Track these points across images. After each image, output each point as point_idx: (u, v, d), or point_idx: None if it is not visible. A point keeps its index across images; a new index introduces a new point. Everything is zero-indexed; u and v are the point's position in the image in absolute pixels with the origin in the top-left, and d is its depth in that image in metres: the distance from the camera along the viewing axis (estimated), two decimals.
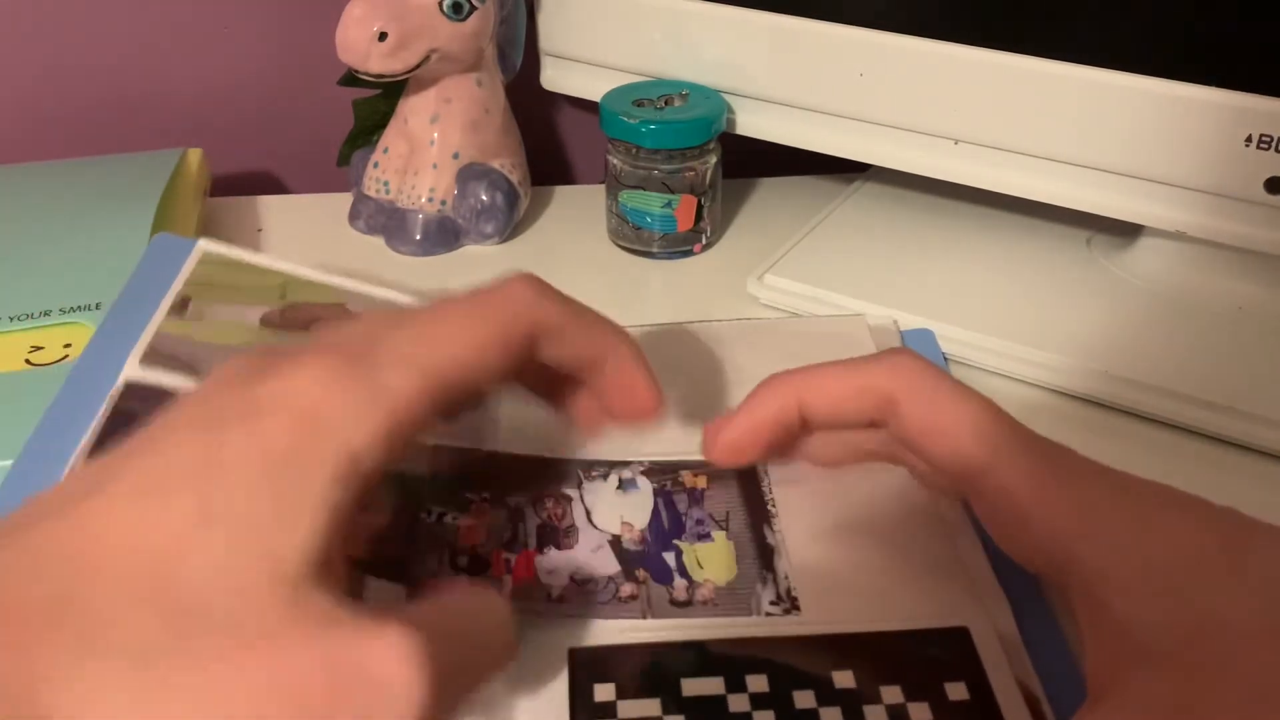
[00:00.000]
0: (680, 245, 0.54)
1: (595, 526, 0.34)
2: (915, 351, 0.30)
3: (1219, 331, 0.45)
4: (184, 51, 0.63)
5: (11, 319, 0.42)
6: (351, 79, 0.55)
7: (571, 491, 0.35)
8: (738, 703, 0.28)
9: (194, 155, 0.56)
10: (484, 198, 0.54)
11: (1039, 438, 0.28)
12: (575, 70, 0.57)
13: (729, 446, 0.32)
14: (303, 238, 0.57)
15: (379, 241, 0.55)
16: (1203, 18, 0.41)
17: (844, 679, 0.29)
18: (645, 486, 0.35)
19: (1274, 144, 0.40)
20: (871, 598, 0.31)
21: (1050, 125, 0.44)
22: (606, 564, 0.33)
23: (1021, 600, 0.31)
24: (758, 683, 0.29)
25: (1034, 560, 0.27)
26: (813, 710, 0.28)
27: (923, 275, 0.49)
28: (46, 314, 0.42)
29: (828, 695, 0.28)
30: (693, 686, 0.29)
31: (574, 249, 0.56)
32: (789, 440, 0.32)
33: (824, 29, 0.48)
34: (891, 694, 0.28)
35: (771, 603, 0.31)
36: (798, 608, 0.31)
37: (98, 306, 0.42)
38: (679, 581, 0.32)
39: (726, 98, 0.53)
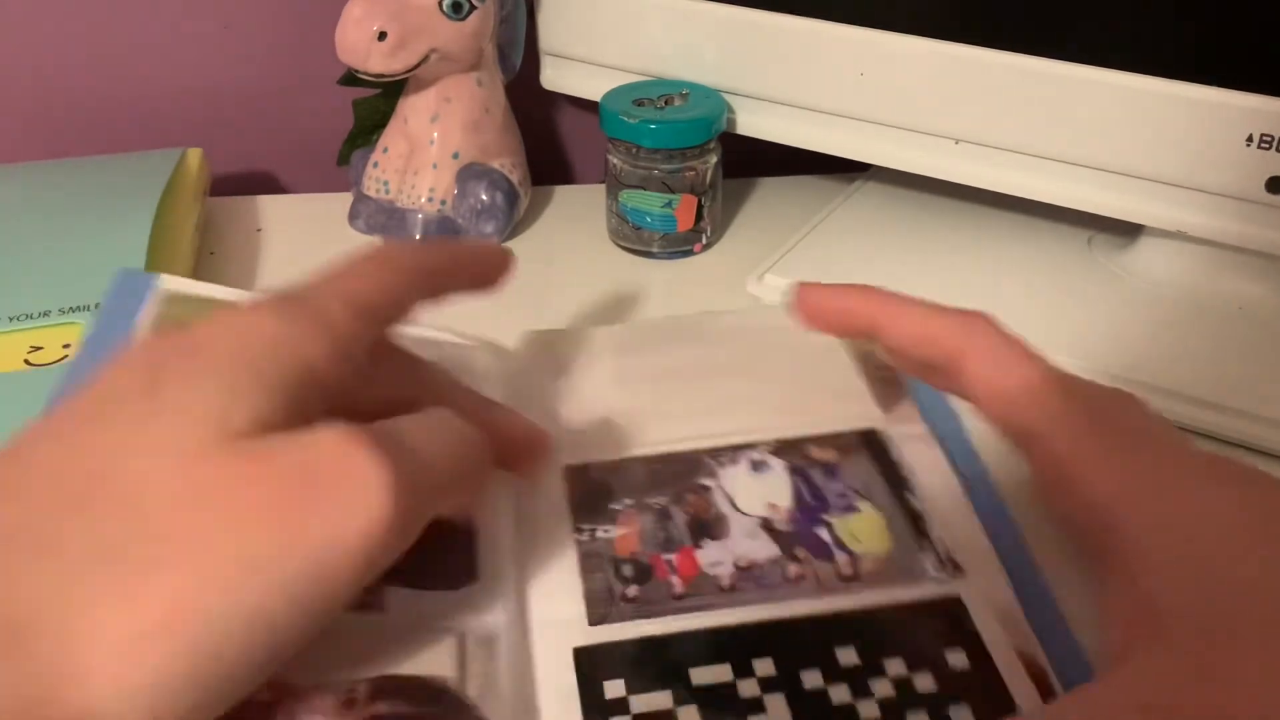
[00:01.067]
0: (680, 245, 0.54)
1: (742, 512, 0.33)
2: (990, 315, 0.30)
3: (1219, 331, 0.45)
4: (183, 51, 0.63)
5: (11, 319, 0.42)
6: (351, 79, 0.55)
7: (708, 481, 0.34)
8: (747, 688, 0.28)
9: (194, 155, 0.56)
10: (484, 197, 0.54)
11: (1096, 398, 0.29)
12: (575, 70, 0.57)
13: (814, 300, 0.33)
14: (302, 238, 0.56)
15: (379, 241, 0.55)
16: (1203, 18, 0.41)
17: (847, 655, 0.29)
18: (777, 465, 0.35)
19: (1275, 144, 0.40)
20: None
21: (1051, 125, 0.44)
22: (765, 548, 0.32)
23: (1016, 569, 0.32)
24: (764, 667, 0.29)
25: (1073, 526, 0.28)
26: (821, 689, 0.28)
27: (923, 275, 0.49)
28: (46, 314, 0.42)
29: (833, 673, 0.29)
30: (701, 675, 0.29)
31: (574, 249, 0.55)
32: (860, 333, 0.33)
33: (824, 29, 0.48)
34: (894, 666, 0.29)
35: (936, 568, 0.31)
36: (961, 571, 0.31)
37: (97, 307, 0.42)
38: (840, 556, 0.32)
39: (726, 98, 0.53)
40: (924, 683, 0.28)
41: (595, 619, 0.30)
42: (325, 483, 0.22)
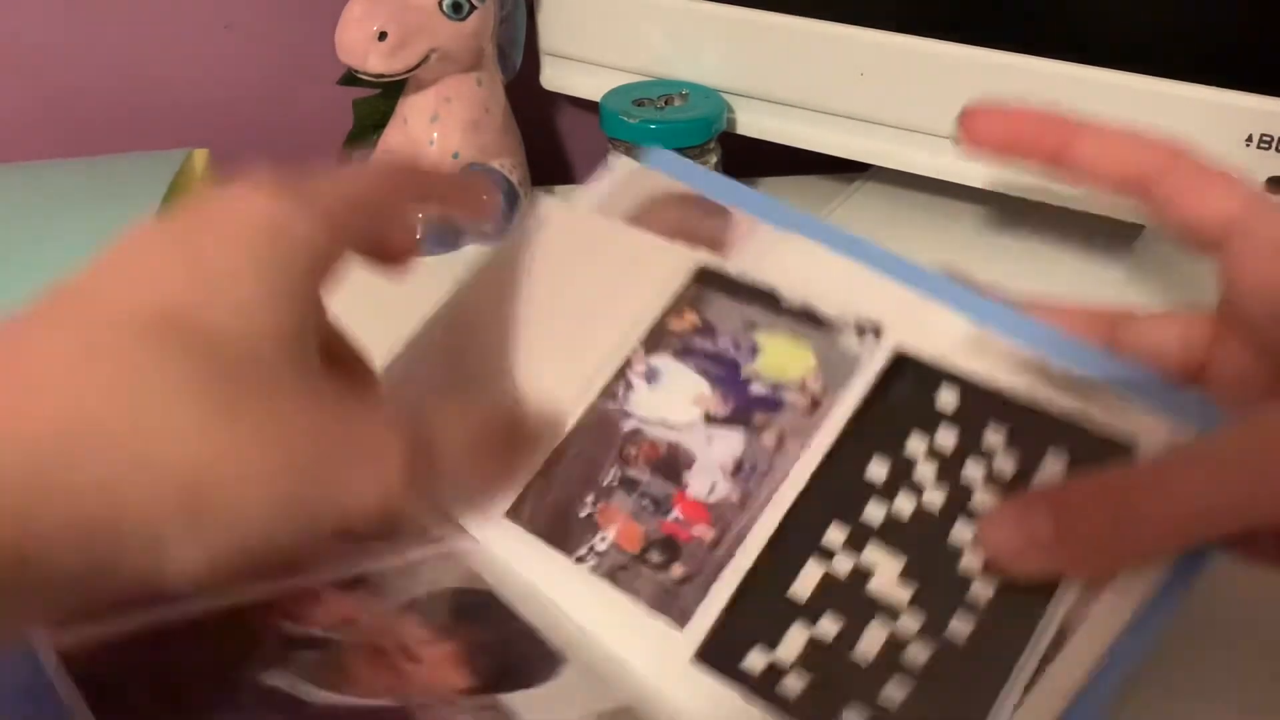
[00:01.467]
0: None
1: (681, 427, 0.32)
2: (1187, 144, 0.30)
3: None
4: (183, 51, 0.63)
5: None
6: (351, 79, 0.55)
7: (628, 425, 0.32)
8: (842, 564, 0.28)
9: (199, 156, 0.56)
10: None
11: None
12: (575, 70, 0.57)
13: (988, 126, 0.32)
14: None
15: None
16: (1203, 18, 0.41)
17: (880, 469, 0.29)
18: (663, 362, 0.33)
19: (1274, 144, 0.40)
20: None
21: None
22: (730, 438, 0.31)
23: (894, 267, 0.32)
24: (835, 533, 0.29)
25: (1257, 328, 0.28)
26: (912, 504, 0.28)
27: None
28: None
29: (905, 476, 0.29)
30: (803, 586, 0.28)
31: None
32: (1042, 157, 0.31)
33: (824, 29, 0.48)
34: (926, 442, 0.29)
35: (860, 340, 0.31)
36: (880, 325, 0.31)
37: None
38: (790, 396, 0.31)
39: (726, 97, 0.53)
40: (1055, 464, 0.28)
41: (679, 618, 0.29)
42: (358, 458, 0.25)
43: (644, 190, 0.36)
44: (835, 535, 0.28)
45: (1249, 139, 0.40)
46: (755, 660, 0.27)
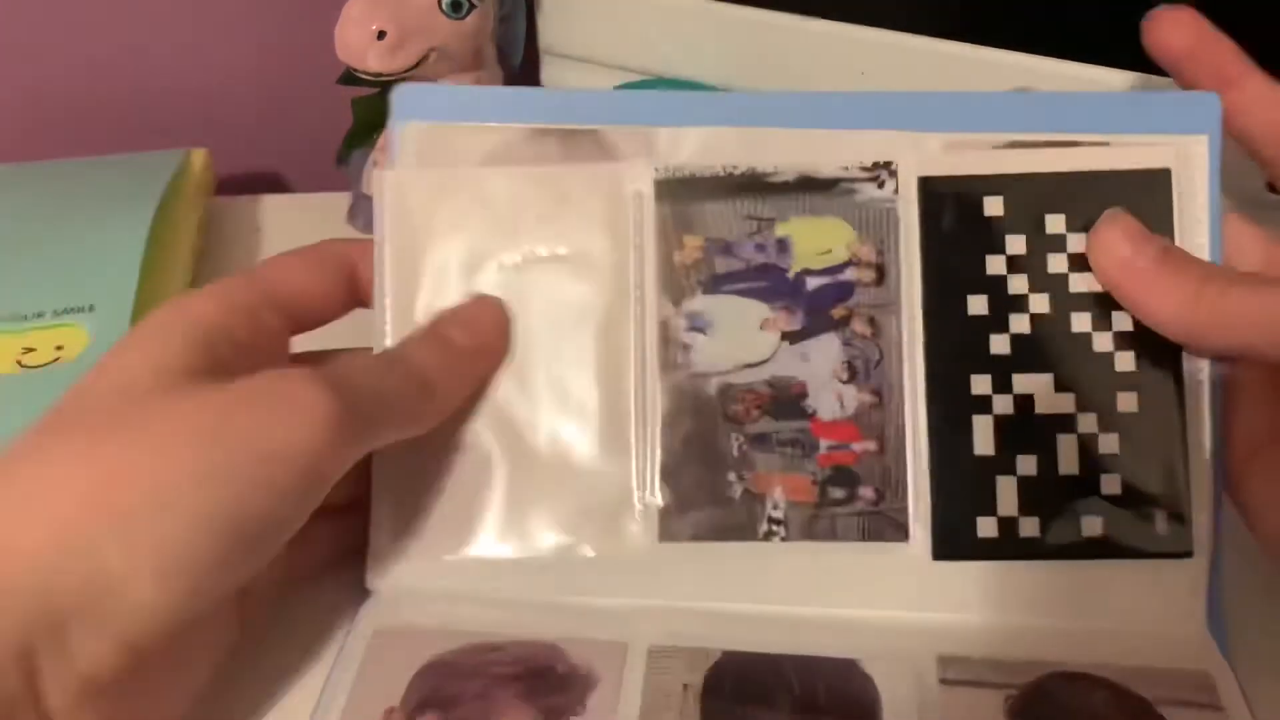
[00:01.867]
0: None
1: (769, 362, 0.30)
2: None
3: None
4: (182, 51, 0.63)
5: (3, 320, 0.42)
6: (350, 78, 0.54)
7: (717, 386, 0.30)
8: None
9: (198, 156, 0.56)
10: None
11: None
12: (575, 69, 0.57)
13: (1181, 27, 0.32)
14: (301, 237, 0.55)
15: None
16: (1203, 17, 0.41)
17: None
18: (703, 305, 0.31)
19: None
20: None
21: None
22: (832, 346, 0.30)
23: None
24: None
25: None
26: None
27: None
28: (40, 315, 0.42)
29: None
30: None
31: None
32: (1210, 82, 0.31)
33: (825, 28, 0.48)
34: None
35: (876, 181, 0.30)
36: (892, 170, 0.31)
37: (91, 309, 0.42)
38: (853, 275, 0.30)
39: None
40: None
41: (898, 534, 0.29)
42: (267, 405, 0.26)
43: (459, 150, 0.32)
44: (980, 384, 0.29)
45: None
46: (988, 528, 0.28)
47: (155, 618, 0.24)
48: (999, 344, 0.29)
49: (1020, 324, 0.29)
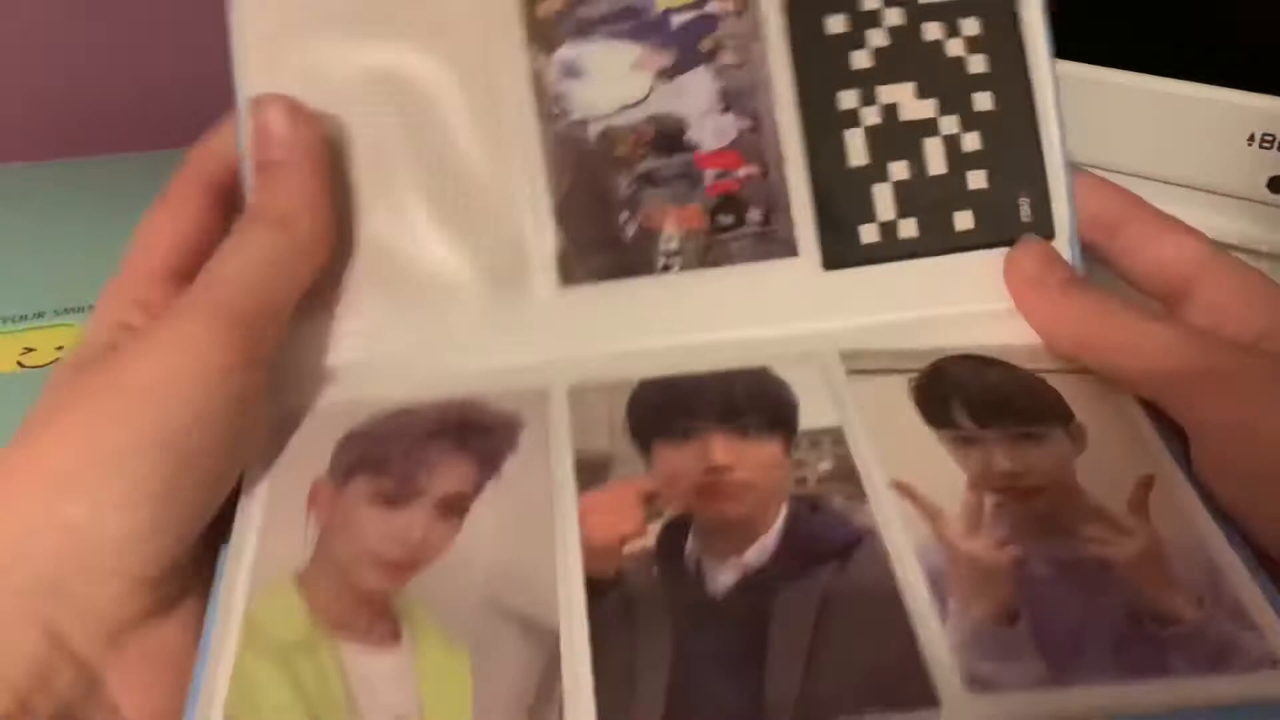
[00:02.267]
0: None
1: (646, 101, 0.30)
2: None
3: None
4: (182, 51, 0.63)
5: (4, 320, 0.42)
6: None
7: (598, 130, 0.31)
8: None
9: None
10: None
11: None
12: None
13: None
14: None
15: None
16: (1204, 18, 0.41)
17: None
18: (574, 51, 0.30)
19: (1276, 143, 0.39)
20: None
21: None
22: (704, 79, 0.30)
23: None
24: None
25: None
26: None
27: None
28: (40, 315, 0.42)
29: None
30: None
31: None
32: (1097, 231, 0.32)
33: None
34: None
35: None
36: None
37: (91, 309, 0.42)
38: (716, 7, 0.31)
39: None
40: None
41: (787, 249, 0.30)
42: (150, 346, 0.26)
43: None
44: (848, 99, 0.30)
45: (1251, 138, 0.40)
46: (870, 234, 0.30)
47: (142, 548, 0.24)
48: (860, 59, 0.30)
49: (878, 38, 0.30)
